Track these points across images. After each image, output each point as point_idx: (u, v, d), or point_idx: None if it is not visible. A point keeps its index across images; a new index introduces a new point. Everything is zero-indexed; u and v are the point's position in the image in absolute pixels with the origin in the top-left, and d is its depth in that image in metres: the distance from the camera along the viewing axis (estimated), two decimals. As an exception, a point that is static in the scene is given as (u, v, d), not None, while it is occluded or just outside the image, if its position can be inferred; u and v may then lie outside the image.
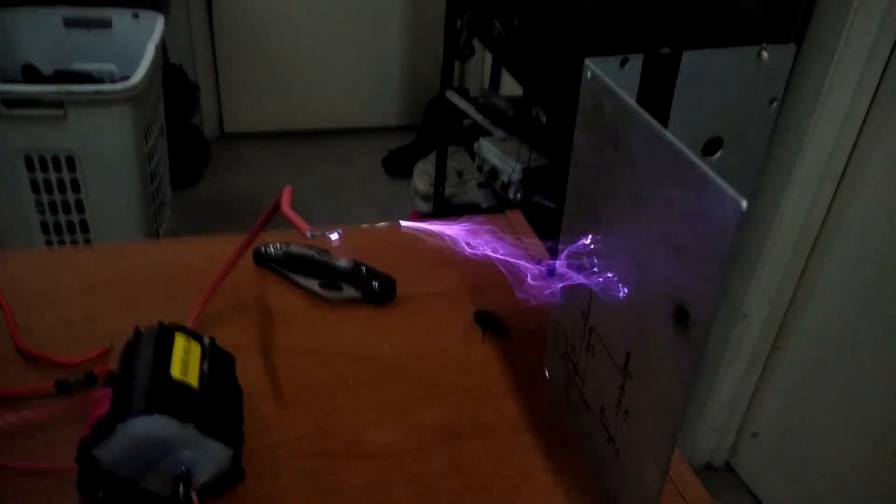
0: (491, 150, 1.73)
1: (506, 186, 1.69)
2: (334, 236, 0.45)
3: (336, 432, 0.52)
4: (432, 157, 2.19)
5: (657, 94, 0.48)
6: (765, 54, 0.48)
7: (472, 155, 1.84)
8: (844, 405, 1.30)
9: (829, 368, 1.33)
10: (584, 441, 0.52)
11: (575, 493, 0.49)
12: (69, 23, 1.67)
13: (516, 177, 1.65)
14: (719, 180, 0.33)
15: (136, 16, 1.66)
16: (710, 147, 0.51)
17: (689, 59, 0.47)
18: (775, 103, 0.49)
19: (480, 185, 2.12)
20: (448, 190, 2.14)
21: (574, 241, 0.47)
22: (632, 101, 0.40)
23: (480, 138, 1.78)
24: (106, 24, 1.68)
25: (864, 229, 1.23)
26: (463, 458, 0.51)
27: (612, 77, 0.44)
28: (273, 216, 0.52)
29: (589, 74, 0.45)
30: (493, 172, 1.73)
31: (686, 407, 0.38)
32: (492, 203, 2.11)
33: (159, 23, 1.59)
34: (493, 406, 0.55)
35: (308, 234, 0.43)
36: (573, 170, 0.49)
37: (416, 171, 2.38)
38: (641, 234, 0.41)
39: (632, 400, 0.44)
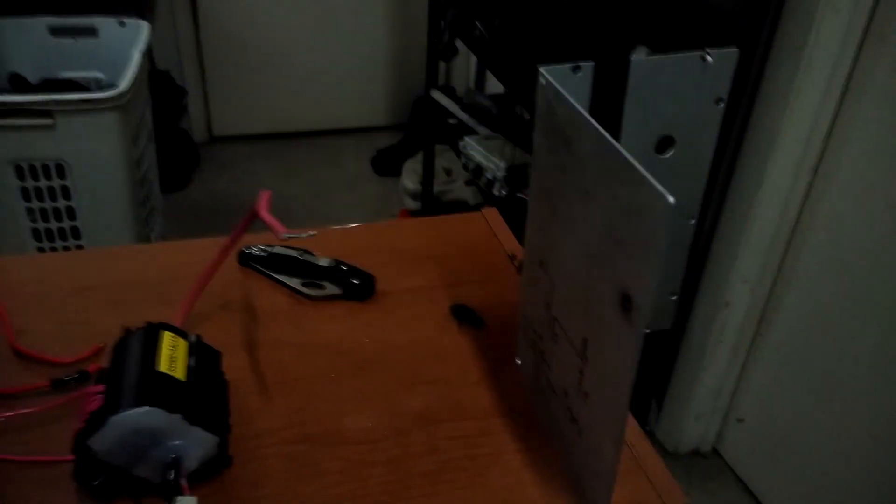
0: (475, 149, 1.76)
1: (491, 183, 1.72)
2: (308, 235, 0.48)
3: (317, 420, 0.55)
4: (421, 155, 2.22)
5: (609, 98, 0.51)
6: (708, 58, 0.51)
7: (458, 153, 1.87)
8: (826, 390, 1.34)
9: (810, 354, 1.36)
10: (552, 424, 0.55)
11: (542, 472, 0.52)
12: (55, 31, 1.69)
13: (500, 174, 1.69)
14: (651, 179, 0.36)
15: (121, 23, 1.69)
16: (662, 145, 0.55)
17: (638, 64, 0.50)
18: (721, 103, 0.53)
19: (468, 183, 2.15)
20: (437, 188, 2.17)
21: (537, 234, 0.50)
22: (579, 106, 0.44)
23: (465, 137, 1.81)
24: (92, 33, 1.70)
25: (839, 218, 1.26)
26: (438, 441, 0.54)
27: (564, 83, 0.47)
28: (253, 219, 0.55)
29: (542, 81, 0.48)
30: (479, 170, 1.77)
31: (633, 385, 0.41)
32: (479, 200, 2.15)
33: (145, 29, 1.62)
34: (468, 393, 0.59)
35: (283, 236, 0.46)
36: (533, 169, 0.53)
37: (404, 170, 2.41)
38: (590, 227, 0.44)
39: (590, 382, 0.47)
